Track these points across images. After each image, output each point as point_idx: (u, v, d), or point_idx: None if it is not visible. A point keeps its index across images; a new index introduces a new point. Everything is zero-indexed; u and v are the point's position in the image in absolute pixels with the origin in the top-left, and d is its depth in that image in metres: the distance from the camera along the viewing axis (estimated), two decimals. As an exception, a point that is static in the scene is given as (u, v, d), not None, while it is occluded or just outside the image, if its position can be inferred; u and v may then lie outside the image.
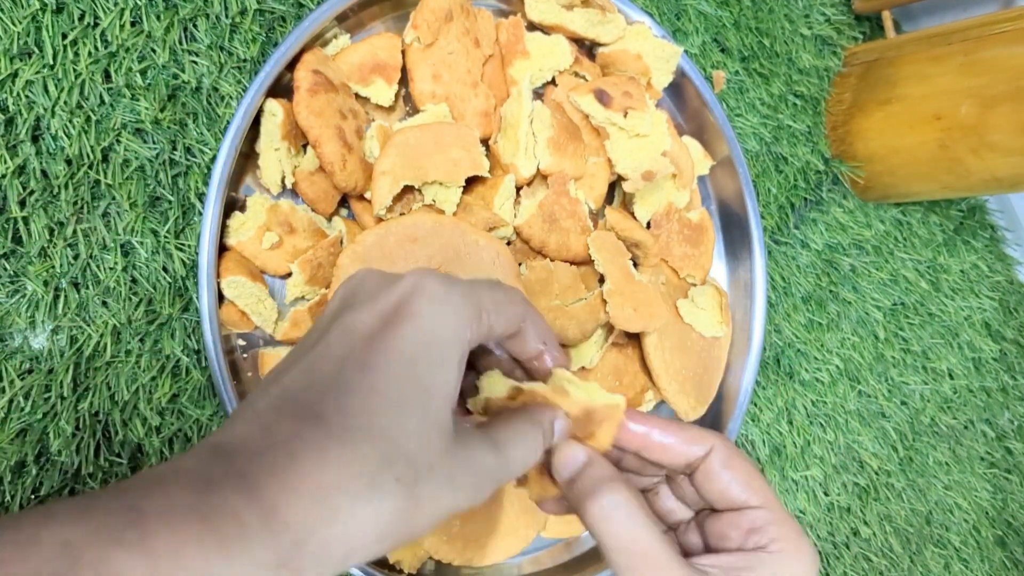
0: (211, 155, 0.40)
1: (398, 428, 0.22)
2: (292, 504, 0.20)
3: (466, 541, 0.39)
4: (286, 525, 0.19)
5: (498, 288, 0.27)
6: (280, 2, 0.43)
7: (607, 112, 0.46)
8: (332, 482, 0.20)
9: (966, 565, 0.69)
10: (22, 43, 0.37)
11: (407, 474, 0.21)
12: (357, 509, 0.20)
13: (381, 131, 0.42)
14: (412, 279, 0.24)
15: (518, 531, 0.41)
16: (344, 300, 0.25)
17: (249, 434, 0.21)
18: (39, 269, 0.36)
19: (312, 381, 0.22)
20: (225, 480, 0.20)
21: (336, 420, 0.21)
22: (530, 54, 0.47)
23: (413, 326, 0.23)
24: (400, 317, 0.23)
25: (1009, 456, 0.76)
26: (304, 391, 0.22)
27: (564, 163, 0.45)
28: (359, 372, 0.22)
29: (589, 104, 0.46)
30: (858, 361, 0.66)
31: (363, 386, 0.22)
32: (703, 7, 0.61)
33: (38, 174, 0.37)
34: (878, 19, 0.72)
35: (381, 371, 0.22)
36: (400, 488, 0.21)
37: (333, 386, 0.22)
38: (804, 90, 0.67)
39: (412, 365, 0.23)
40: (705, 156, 0.53)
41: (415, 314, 0.23)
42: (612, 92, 0.46)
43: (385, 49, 0.43)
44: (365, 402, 0.22)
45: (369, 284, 0.25)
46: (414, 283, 0.24)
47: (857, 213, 0.69)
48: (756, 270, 0.53)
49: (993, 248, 0.79)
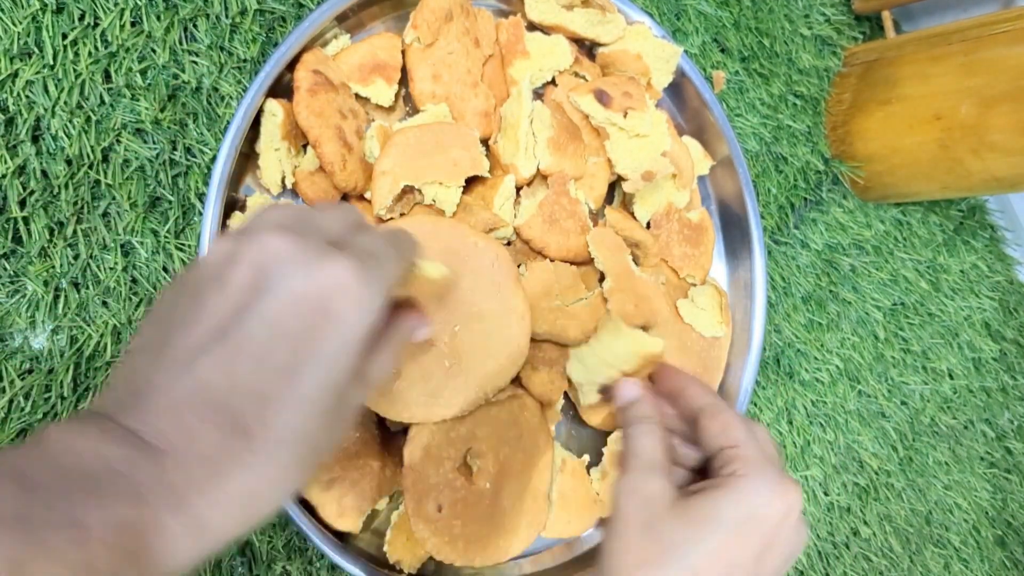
0: (211, 155, 0.40)
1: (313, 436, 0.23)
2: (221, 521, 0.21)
3: (468, 542, 0.39)
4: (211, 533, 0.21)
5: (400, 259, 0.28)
6: (280, 2, 0.43)
7: (607, 112, 0.46)
8: (260, 494, 0.22)
9: (966, 565, 0.69)
10: (22, 43, 0.37)
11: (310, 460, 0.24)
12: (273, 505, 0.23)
13: (381, 131, 0.42)
14: (333, 273, 0.23)
15: (519, 531, 0.41)
16: (260, 272, 0.23)
17: (173, 436, 0.21)
18: (39, 269, 0.36)
19: (235, 384, 0.22)
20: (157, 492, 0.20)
21: (261, 434, 0.22)
22: (530, 54, 0.47)
23: (335, 332, 0.23)
24: (323, 320, 0.23)
25: (1009, 456, 0.76)
26: (227, 395, 0.22)
27: (564, 163, 0.45)
28: (284, 381, 0.22)
29: (589, 104, 0.46)
30: (858, 361, 0.66)
31: (288, 396, 0.22)
32: (703, 7, 0.61)
33: (38, 174, 0.37)
34: (878, 19, 0.72)
35: (304, 381, 0.23)
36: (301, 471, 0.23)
37: (258, 395, 0.22)
38: (804, 90, 0.67)
39: (329, 370, 0.23)
40: (705, 156, 0.53)
41: (337, 318, 0.23)
42: (612, 92, 0.46)
43: (385, 49, 0.43)
44: (289, 414, 0.22)
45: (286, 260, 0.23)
46: (336, 280, 0.23)
47: (857, 213, 0.69)
48: (756, 270, 0.53)
49: (993, 248, 0.79)
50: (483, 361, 0.39)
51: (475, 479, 0.40)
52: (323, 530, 0.38)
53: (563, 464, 0.44)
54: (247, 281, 0.23)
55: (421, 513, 0.38)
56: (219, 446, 0.21)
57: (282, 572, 0.41)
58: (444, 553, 0.38)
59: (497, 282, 0.40)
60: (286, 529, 0.41)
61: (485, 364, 0.39)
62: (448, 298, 0.39)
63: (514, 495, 0.41)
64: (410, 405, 0.38)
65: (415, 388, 0.38)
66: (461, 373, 0.39)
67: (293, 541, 0.41)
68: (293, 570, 0.41)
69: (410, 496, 0.38)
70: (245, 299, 0.23)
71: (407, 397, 0.38)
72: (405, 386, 0.38)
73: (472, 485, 0.39)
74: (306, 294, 0.23)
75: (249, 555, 0.40)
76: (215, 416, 0.21)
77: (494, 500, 0.40)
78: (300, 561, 0.41)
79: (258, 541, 0.40)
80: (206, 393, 0.22)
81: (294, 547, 0.41)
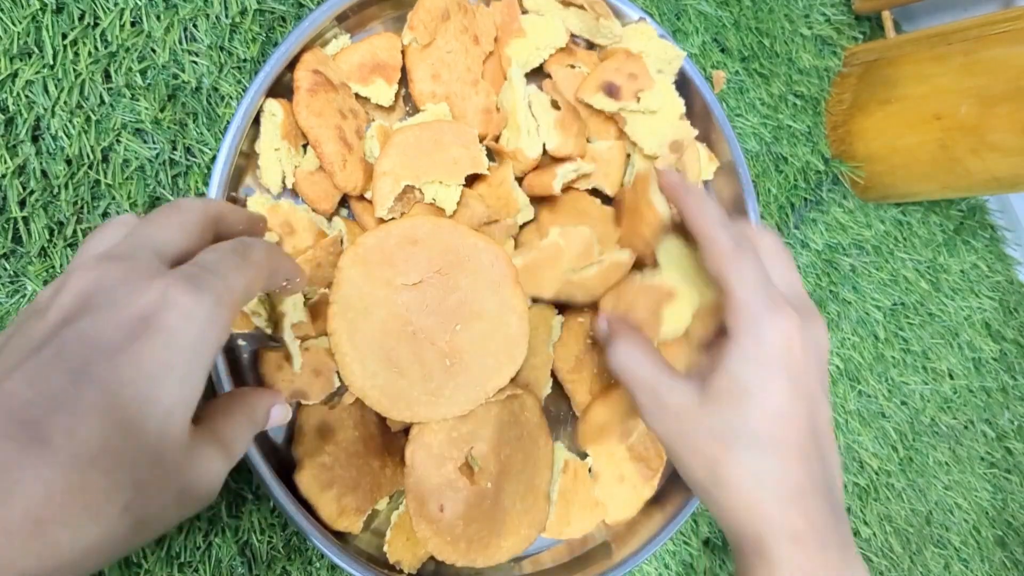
0: (211, 155, 0.40)
1: (132, 453, 0.21)
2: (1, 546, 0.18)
3: (470, 542, 0.39)
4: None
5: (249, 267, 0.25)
6: (280, 2, 0.43)
7: (620, 103, 0.46)
8: (54, 516, 0.19)
9: (966, 565, 0.69)
10: (22, 43, 0.37)
11: (137, 500, 0.21)
12: (78, 542, 0.19)
13: (381, 131, 0.42)
14: (160, 289, 0.22)
15: (520, 531, 0.41)
16: (82, 297, 0.22)
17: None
18: (39, 269, 0.36)
19: (39, 395, 0.20)
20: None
21: (64, 445, 0.19)
22: (526, 32, 0.47)
23: (161, 343, 0.21)
24: (148, 331, 0.21)
25: (1009, 456, 0.76)
26: (30, 406, 0.20)
27: (570, 143, 0.45)
28: (95, 391, 0.20)
29: (600, 101, 0.47)
30: (858, 361, 0.66)
31: (98, 407, 0.20)
32: (703, 7, 0.61)
33: (38, 174, 0.37)
34: (878, 19, 0.72)
35: (120, 391, 0.20)
36: (127, 515, 0.20)
37: (65, 404, 0.20)
38: (804, 90, 0.67)
39: (156, 385, 0.21)
40: (710, 159, 0.53)
41: (163, 328, 0.22)
42: (618, 80, 0.47)
43: (385, 49, 0.43)
44: (99, 426, 0.20)
45: (111, 286, 0.22)
46: (164, 294, 0.22)
47: (857, 213, 0.69)
48: (756, 270, 0.53)
49: (993, 248, 0.79)
50: (483, 360, 0.39)
51: (477, 479, 0.40)
52: (323, 530, 0.38)
53: (565, 466, 0.44)
54: (68, 304, 0.22)
55: (424, 513, 0.38)
56: (12, 457, 0.19)
57: (282, 572, 0.41)
58: (446, 554, 0.38)
59: (496, 282, 0.40)
60: (286, 529, 0.41)
61: (485, 363, 0.39)
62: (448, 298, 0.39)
63: (515, 494, 0.41)
64: (411, 404, 0.38)
65: (416, 387, 0.38)
66: (461, 372, 0.39)
67: (293, 541, 0.41)
68: (293, 570, 0.41)
69: (412, 496, 0.38)
70: (65, 320, 0.22)
71: (408, 396, 0.38)
72: (406, 385, 0.38)
73: (474, 485, 0.39)
74: (128, 308, 0.22)
75: (249, 555, 0.40)
76: (14, 427, 0.19)
77: (496, 500, 0.40)
78: (300, 561, 0.41)
79: (258, 541, 0.40)
80: (9, 404, 0.20)
81: (294, 547, 0.41)
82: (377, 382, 0.37)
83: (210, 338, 0.23)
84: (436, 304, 0.39)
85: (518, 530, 0.41)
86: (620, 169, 0.49)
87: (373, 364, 0.37)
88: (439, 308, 0.39)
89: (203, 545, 0.39)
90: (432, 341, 0.38)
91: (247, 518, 0.40)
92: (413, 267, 0.39)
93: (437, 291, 0.39)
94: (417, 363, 0.38)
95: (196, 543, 0.38)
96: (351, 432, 0.39)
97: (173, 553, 0.38)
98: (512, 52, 0.46)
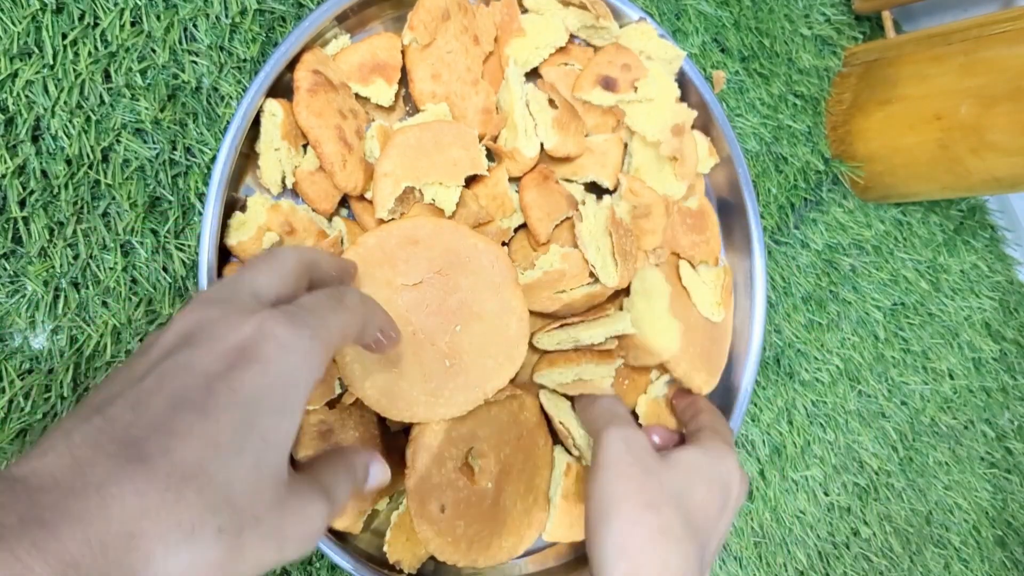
0: (211, 155, 0.40)
1: (227, 476, 0.21)
2: (96, 558, 0.18)
3: (471, 542, 0.39)
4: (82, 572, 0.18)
5: (344, 310, 0.27)
6: (280, 2, 0.43)
7: (618, 96, 0.47)
8: (148, 530, 0.19)
9: (966, 565, 0.69)
10: (22, 43, 0.37)
11: (231, 524, 0.21)
12: (171, 559, 0.19)
13: (381, 131, 0.42)
14: (259, 321, 0.23)
15: (521, 532, 0.41)
16: (184, 335, 0.23)
17: (59, 470, 0.19)
18: (39, 269, 0.36)
19: (139, 417, 0.21)
20: (20, 528, 0.18)
21: (161, 463, 0.20)
22: (526, 32, 0.47)
23: (258, 371, 0.22)
24: (245, 361, 0.22)
25: (1009, 456, 0.76)
26: (129, 428, 0.20)
27: (568, 142, 0.45)
28: (194, 414, 0.21)
29: (599, 96, 0.47)
30: (858, 361, 0.66)
31: (196, 430, 0.21)
32: (703, 7, 0.61)
33: (38, 174, 0.37)
34: (878, 19, 0.72)
35: (218, 417, 0.21)
36: (222, 539, 0.20)
37: (164, 426, 0.21)
38: (804, 90, 0.67)
39: (252, 413, 0.22)
40: (711, 153, 0.53)
41: (261, 359, 0.22)
42: (613, 73, 0.47)
43: (385, 49, 0.43)
44: (196, 447, 0.20)
45: (212, 321, 0.23)
46: (261, 326, 0.23)
47: (857, 213, 0.69)
48: (756, 270, 0.53)
49: (993, 248, 0.79)
50: (483, 361, 0.39)
51: (477, 479, 0.40)
52: (323, 530, 0.38)
53: (567, 468, 0.44)
54: (169, 342, 0.23)
55: (424, 514, 0.38)
56: (109, 474, 0.19)
57: (282, 572, 0.41)
58: (447, 554, 0.38)
59: (496, 283, 0.40)
60: (286, 529, 0.41)
61: (485, 364, 0.39)
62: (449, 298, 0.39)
63: (515, 494, 0.41)
64: (411, 404, 0.38)
65: (415, 388, 0.38)
66: (461, 373, 0.39)
67: (293, 541, 0.41)
68: (293, 570, 0.41)
69: (413, 497, 0.38)
70: (166, 354, 0.23)
71: (408, 397, 0.38)
72: (406, 386, 0.38)
73: (474, 485, 0.39)
74: (227, 340, 0.22)
75: (249, 555, 0.40)
76: (113, 447, 0.20)
77: (496, 500, 0.40)
78: (300, 561, 0.41)
79: (258, 541, 0.40)
80: (110, 428, 0.20)
81: (294, 547, 0.41)
82: (377, 382, 0.37)
83: (305, 372, 0.23)
84: (436, 305, 0.39)
85: (518, 530, 0.41)
86: (617, 161, 0.49)
87: (373, 364, 0.37)
88: (439, 309, 0.39)
89: (203, 545, 0.39)
90: (432, 342, 0.38)
91: (247, 518, 0.40)
92: (413, 268, 0.39)
93: (437, 292, 0.39)
94: (417, 364, 0.38)
95: (196, 543, 0.38)
96: (351, 432, 0.39)
97: (173, 553, 0.38)
98: (512, 52, 0.46)
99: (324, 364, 0.24)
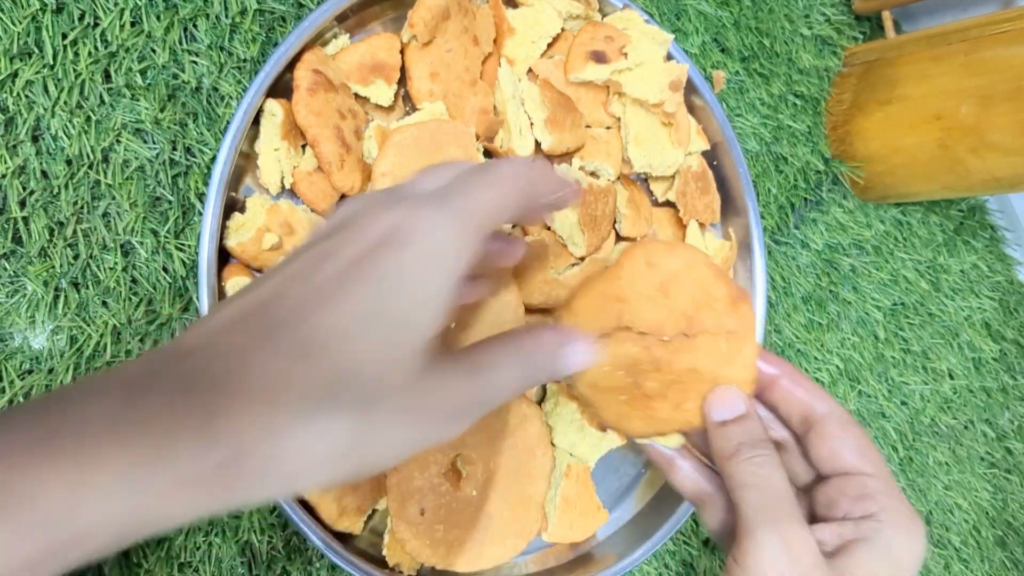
0: (211, 155, 0.40)
1: (360, 351, 0.21)
2: (232, 416, 0.18)
3: (450, 546, 0.38)
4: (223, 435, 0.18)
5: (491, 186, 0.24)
6: (280, 2, 0.43)
7: (611, 66, 0.47)
8: (278, 397, 0.19)
9: (966, 565, 0.69)
10: (22, 43, 0.37)
11: (361, 396, 0.20)
12: (300, 427, 0.19)
13: (380, 131, 0.42)
14: (405, 208, 0.23)
15: (506, 540, 0.40)
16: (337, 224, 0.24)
17: (198, 342, 0.20)
18: (39, 269, 0.36)
19: (278, 295, 0.21)
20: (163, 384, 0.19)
21: (294, 336, 0.20)
22: (516, 30, 0.47)
23: (396, 252, 0.22)
24: (385, 245, 0.22)
25: (1009, 456, 0.76)
26: (267, 305, 0.21)
27: (565, 138, 0.45)
28: (333, 292, 0.21)
29: (593, 71, 0.47)
30: (858, 361, 0.66)
31: (333, 307, 0.21)
32: (703, 7, 0.61)
33: (38, 174, 0.37)
34: (878, 19, 0.72)
35: (356, 294, 0.21)
36: (352, 411, 0.20)
37: (300, 304, 0.21)
38: (804, 90, 0.67)
39: (392, 293, 0.21)
40: (699, 133, 0.53)
41: (406, 242, 0.22)
42: (599, 47, 0.47)
43: (384, 49, 0.43)
44: (332, 322, 0.20)
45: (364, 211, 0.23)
46: (405, 212, 0.23)
47: (857, 213, 0.69)
48: (756, 270, 0.53)
49: (993, 248, 0.79)
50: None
51: (462, 485, 0.39)
52: (323, 530, 0.38)
53: (568, 469, 0.44)
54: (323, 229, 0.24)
55: (403, 515, 0.38)
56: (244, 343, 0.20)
57: (282, 572, 0.41)
58: (425, 556, 0.38)
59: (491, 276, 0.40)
60: (286, 529, 0.41)
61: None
62: None
63: (502, 503, 0.41)
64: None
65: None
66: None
67: (293, 541, 0.41)
68: (293, 570, 0.41)
69: (393, 496, 0.38)
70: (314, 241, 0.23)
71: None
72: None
73: (458, 491, 0.39)
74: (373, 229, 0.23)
75: (249, 555, 0.40)
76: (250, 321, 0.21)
77: (480, 507, 0.40)
78: (300, 561, 0.41)
79: (258, 541, 0.40)
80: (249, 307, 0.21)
81: (294, 547, 0.41)
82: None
83: (450, 252, 0.22)
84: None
85: (503, 539, 0.40)
86: (619, 150, 0.49)
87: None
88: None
89: (203, 545, 0.39)
90: None
91: (247, 518, 0.40)
92: None
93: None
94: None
95: (196, 543, 0.38)
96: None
97: (173, 553, 0.38)
98: (509, 51, 0.46)
99: (472, 244, 0.23)
